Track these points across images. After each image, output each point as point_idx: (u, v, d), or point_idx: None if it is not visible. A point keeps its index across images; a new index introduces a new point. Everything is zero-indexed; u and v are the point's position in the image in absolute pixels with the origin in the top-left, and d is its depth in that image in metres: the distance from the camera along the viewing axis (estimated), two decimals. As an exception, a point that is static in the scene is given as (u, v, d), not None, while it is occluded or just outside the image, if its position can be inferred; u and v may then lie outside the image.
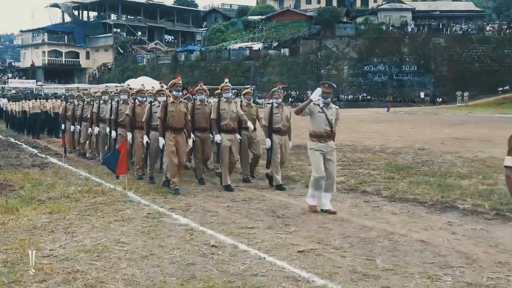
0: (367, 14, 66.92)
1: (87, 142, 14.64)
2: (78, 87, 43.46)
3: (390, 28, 61.17)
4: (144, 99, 11.26)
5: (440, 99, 54.43)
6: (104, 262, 5.43)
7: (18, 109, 24.40)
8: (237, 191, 9.54)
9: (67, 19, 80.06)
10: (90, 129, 13.95)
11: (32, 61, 72.79)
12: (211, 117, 9.80)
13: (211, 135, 10.13)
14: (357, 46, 59.00)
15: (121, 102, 12.12)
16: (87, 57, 75.28)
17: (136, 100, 11.29)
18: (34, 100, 23.74)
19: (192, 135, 9.87)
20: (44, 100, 23.41)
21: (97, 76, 69.31)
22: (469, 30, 60.13)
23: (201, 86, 10.54)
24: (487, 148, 16.03)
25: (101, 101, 13.58)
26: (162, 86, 11.03)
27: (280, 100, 9.83)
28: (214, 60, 61.48)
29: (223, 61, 60.79)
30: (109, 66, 70.16)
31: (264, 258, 5.57)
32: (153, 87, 13.51)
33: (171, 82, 9.75)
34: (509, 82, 52.55)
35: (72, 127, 15.11)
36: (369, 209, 8.14)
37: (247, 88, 11.21)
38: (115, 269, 5.20)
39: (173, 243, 6.10)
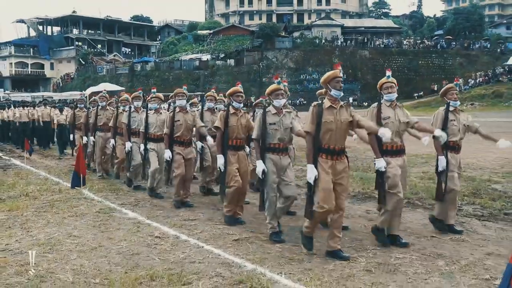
0: (302, 29, 67.50)
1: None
2: (43, 95, 42.13)
3: (323, 41, 61.88)
4: (214, 105, 8.12)
5: (366, 103, 55.28)
6: (55, 254, 5.26)
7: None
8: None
9: (33, 33, 77.49)
10: (112, 142, 10.15)
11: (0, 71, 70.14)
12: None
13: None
14: (294, 57, 59.36)
15: (178, 110, 7.82)
16: (51, 67, 72.79)
17: (205, 106, 7.79)
18: (21, 108, 18.55)
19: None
20: (32, 108, 18.49)
21: (60, 85, 67.12)
22: (390, 44, 61.55)
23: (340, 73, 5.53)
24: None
25: (132, 109, 9.54)
26: (278, 83, 6.20)
27: (458, 102, 6.41)
28: (167, 70, 60.56)
29: (176, 70, 59.99)
30: (72, 76, 68.06)
31: (203, 246, 5.53)
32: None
33: (269, 89, 6.01)
34: (423, 89, 54.12)
35: (85, 138, 11.16)
36: (299, 200, 8.18)
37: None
38: (65, 260, 5.06)
39: (121, 235, 5.98)
